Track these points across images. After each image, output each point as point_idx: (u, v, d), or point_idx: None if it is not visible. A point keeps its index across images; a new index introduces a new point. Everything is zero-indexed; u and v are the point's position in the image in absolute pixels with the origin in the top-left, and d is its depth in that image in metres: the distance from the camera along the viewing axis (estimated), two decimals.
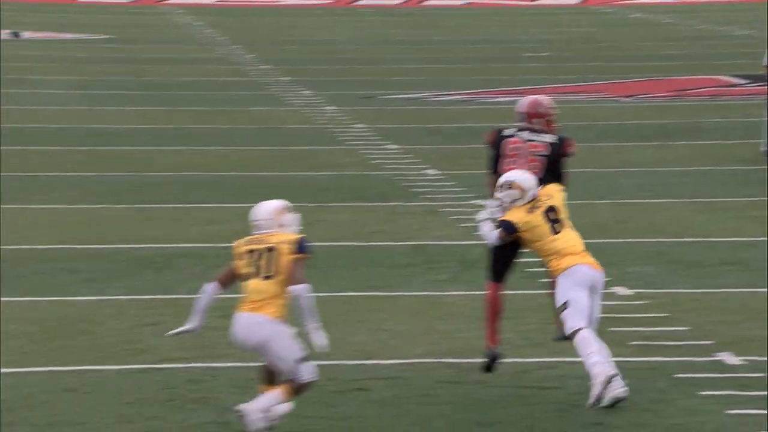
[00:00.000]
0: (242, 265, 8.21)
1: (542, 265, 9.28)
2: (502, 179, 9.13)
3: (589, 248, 9.40)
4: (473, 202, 16.63)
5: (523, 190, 8.95)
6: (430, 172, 18.98)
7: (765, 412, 8.85)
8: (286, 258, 8.13)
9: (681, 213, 16.15)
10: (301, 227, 8.47)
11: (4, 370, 9.84)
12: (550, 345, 10.31)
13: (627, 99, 27.90)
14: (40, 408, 8.99)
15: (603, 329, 11.05)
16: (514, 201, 8.99)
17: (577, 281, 8.98)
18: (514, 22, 48.27)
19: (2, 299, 11.93)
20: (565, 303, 8.86)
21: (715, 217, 15.84)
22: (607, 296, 12.08)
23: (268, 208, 8.27)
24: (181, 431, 8.58)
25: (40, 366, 9.94)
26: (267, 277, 8.11)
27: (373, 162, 19.94)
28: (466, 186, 17.69)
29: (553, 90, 29.27)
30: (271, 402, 8.17)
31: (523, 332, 10.68)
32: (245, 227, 11.35)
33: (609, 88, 29.48)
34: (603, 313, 11.55)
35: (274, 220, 8.24)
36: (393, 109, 26.32)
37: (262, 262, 8.10)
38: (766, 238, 14.36)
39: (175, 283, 12.57)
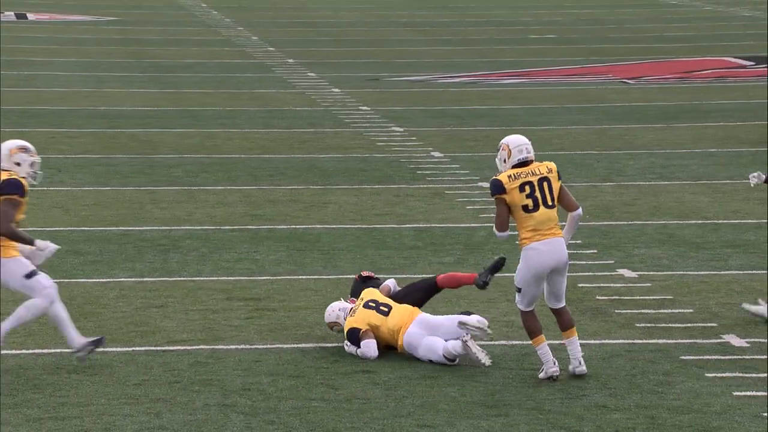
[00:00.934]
0: (520, 199, 9.14)
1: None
2: None
3: (595, 230, 9.40)
4: (479, 184, 16.64)
5: None
6: (436, 154, 18.99)
7: None
8: (556, 185, 9.24)
9: (686, 195, 16.15)
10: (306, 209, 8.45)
11: (9, 352, 9.87)
12: (554, 328, 10.33)
13: (632, 81, 27.87)
14: (45, 390, 9.02)
15: (609, 311, 11.10)
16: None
17: None
18: (520, 3, 48.20)
19: None
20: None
21: (720, 199, 15.83)
22: (612, 278, 12.11)
23: (525, 138, 9.40)
24: (187, 413, 8.62)
25: (46, 348, 9.97)
26: (551, 206, 9.21)
27: (378, 144, 19.94)
28: (470, 168, 17.69)
29: (558, 72, 29.24)
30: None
31: None
32: (251, 209, 11.41)
33: (614, 70, 29.44)
34: (609, 295, 11.60)
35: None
36: (398, 91, 26.30)
37: (542, 194, 9.16)
38: None
39: (180, 265, 12.60)
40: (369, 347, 9.62)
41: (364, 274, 10.42)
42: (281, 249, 13.24)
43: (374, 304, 9.86)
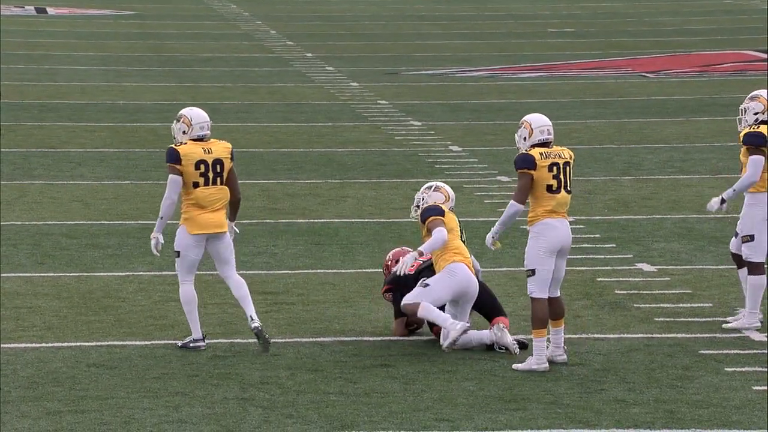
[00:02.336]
0: (547, 178, 9.22)
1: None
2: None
3: (614, 224, 9.40)
4: (497, 178, 16.62)
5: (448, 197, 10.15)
6: (454, 148, 18.97)
7: None
8: (572, 172, 9.33)
9: (705, 189, 16.10)
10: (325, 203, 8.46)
11: (29, 345, 9.91)
12: (572, 322, 10.31)
13: (651, 74, 27.79)
14: (65, 383, 9.06)
15: (628, 305, 11.07)
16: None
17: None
18: None
19: (28, 275, 12.00)
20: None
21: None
22: (631, 272, 12.09)
23: (547, 119, 9.40)
24: (205, 406, 8.64)
25: (66, 341, 10.01)
26: (569, 191, 9.30)
27: (396, 138, 19.94)
28: (489, 162, 17.68)
29: (576, 66, 29.17)
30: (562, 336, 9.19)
31: None
32: (270, 203, 11.44)
33: (633, 64, 29.36)
34: (627, 289, 11.57)
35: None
36: (416, 85, 26.29)
37: (564, 177, 9.27)
38: None
39: None
40: (442, 232, 9.71)
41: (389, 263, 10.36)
42: (299, 243, 13.25)
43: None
